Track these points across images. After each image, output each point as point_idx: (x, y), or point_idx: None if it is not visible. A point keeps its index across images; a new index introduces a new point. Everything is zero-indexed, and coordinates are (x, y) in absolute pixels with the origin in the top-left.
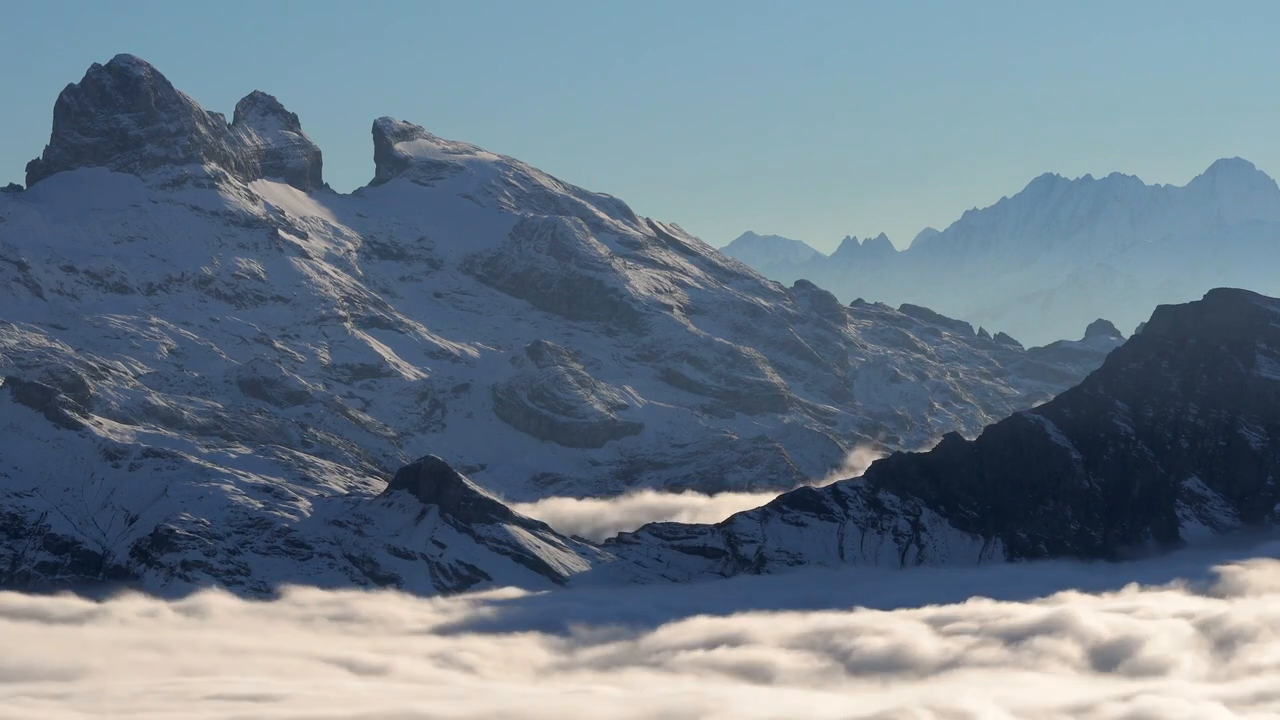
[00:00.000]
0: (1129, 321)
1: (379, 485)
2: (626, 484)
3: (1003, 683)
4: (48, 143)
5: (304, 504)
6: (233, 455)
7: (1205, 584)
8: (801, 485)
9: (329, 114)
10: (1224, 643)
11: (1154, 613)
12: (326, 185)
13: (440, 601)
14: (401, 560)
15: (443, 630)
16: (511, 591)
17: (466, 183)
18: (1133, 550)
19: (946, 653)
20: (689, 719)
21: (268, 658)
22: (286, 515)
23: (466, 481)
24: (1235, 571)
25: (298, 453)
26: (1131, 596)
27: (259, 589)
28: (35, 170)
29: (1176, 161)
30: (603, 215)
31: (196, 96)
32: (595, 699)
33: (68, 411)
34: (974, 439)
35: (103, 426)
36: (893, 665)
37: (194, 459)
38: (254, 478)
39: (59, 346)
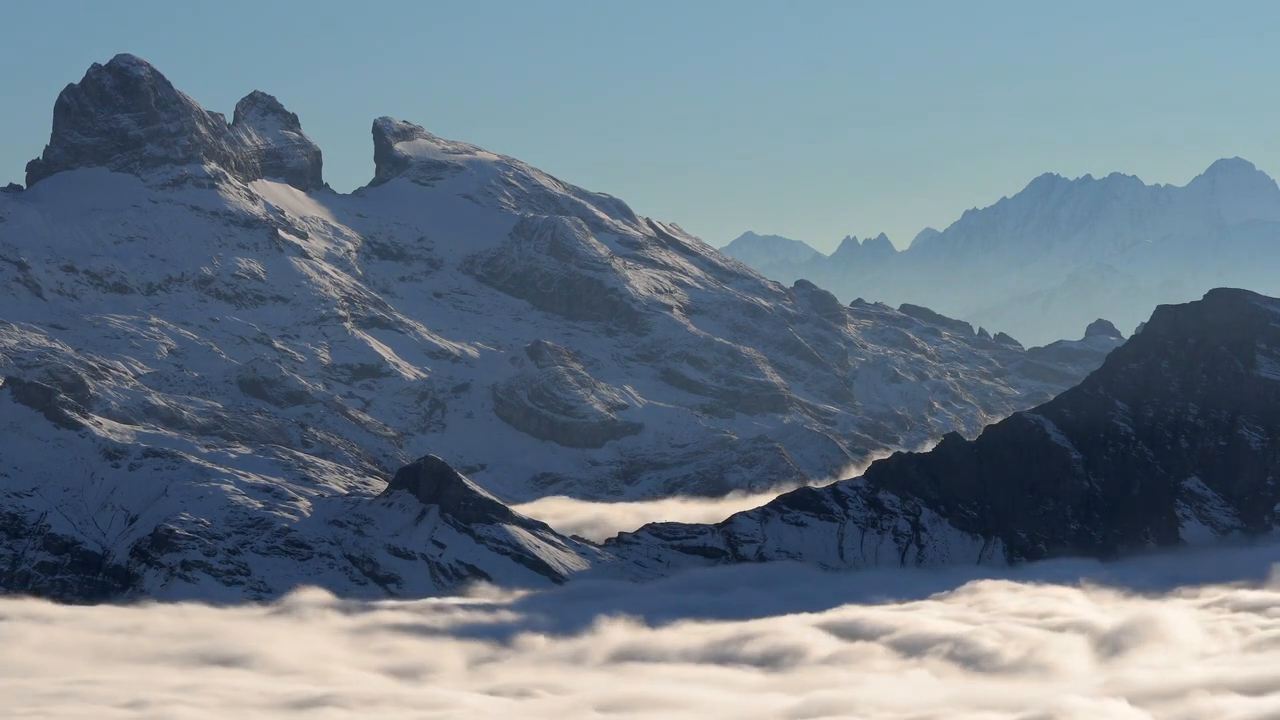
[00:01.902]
0: (1129, 321)
1: (379, 485)
2: (626, 484)
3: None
4: (48, 143)
5: (304, 504)
6: (233, 455)
7: (1145, 585)
8: (802, 485)
9: (329, 114)
10: (1114, 650)
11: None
12: (326, 185)
13: (440, 601)
14: (401, 560)
15: (457, 632)
16: (510, 592)
17: (466, 183)
18: (1132, 550)
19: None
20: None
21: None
22: (286, 515)
23: (466, 481)
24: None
25: (298, 453)
26: (1040, 595)
27: (259, 589)
28: (35, 170)
29: (1176, 161)
30: (603, 215)
31: (196, 96)
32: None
33: (68, 411)
34: (974, 439)
35: (103, 426)
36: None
37: (194, 459)
38: (254, 478)
39: (59, 346)
